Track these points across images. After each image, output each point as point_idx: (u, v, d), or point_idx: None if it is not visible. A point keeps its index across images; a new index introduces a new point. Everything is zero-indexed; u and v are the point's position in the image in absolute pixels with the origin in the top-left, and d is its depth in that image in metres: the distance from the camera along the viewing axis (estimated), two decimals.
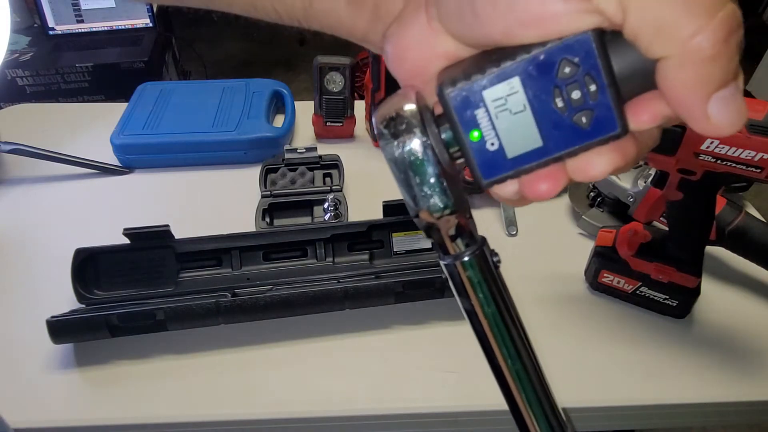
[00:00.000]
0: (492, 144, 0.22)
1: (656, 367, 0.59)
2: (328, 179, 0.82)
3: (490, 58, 0.21)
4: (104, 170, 0.85)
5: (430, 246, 0.69)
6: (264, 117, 0.89)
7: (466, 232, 0.25)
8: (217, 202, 0.81)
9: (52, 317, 0.56)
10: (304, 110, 0.96)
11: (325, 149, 0.83)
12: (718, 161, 0.51)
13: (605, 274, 0.64)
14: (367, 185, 0.82)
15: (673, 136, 0.51)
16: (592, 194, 0.77)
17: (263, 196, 0.77)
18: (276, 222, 0.76)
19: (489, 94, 0.21)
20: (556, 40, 0.20)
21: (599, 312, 0.65)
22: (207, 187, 0.84)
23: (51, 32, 1.66)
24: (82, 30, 1.67)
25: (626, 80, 0.21)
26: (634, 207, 0.71)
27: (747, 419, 0.59)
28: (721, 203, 0.66)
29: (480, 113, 0.22)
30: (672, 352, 0.60)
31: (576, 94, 0.21)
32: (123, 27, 1.69)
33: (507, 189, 0.24)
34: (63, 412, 0.54)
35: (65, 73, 1.56)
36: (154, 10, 1.69)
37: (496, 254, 0.27)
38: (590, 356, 0.60)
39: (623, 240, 0.63)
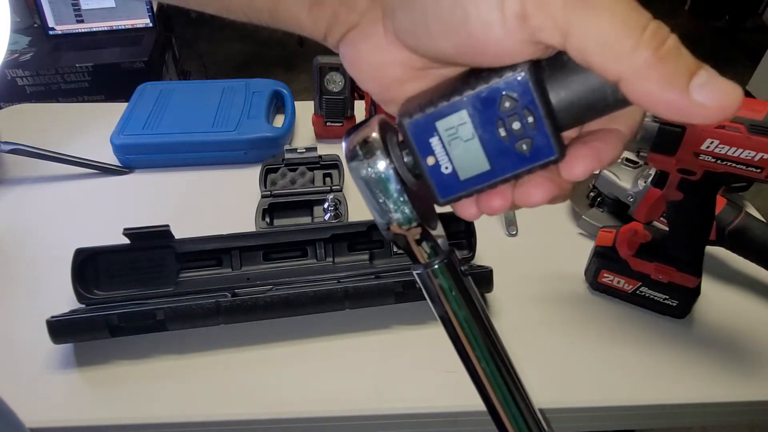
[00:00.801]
0: (446, 168, 0.25)
1: (656, 367, 0.59)
2: (328, 179, 0.82)
3: (443, 92, 0.24)
4: (104, 170, 0.85)
5: None
6: (264, 117, 0.89)
7: (433, 243, 0.28)
8: (217, 202, 0.81)
9: (52, 317, 0.56)
10: (304, 110, 0.96)
11: (325, 149, 0.83)
12: (718, 161, 0.51)
13: (605, 274, 0.64)
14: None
15: (673, 136, 0.51)
16: (592, 194, 0.77)
17: (263, 196, 0.77)
18: (276, 222, 0.76)
19: (441, 125, 0.24)
20: (497, 78, 0.23)
21: (599, 312, 0.65)
22: (207, 187, 0.84)
23: (51, 32, 1.66)
24: (82, 30, 1.67)
25: (563, 111, 0.24)
26: (634, 207, 0.71)
27: (747, 419, 0.59)
28: (721, 203, 0.66)
29: (434, 141, 0.25)
30: (672, 352, 0.60)
31: (516, 125, 0.24)
32: (123, 27, 1.69)
33: (468, 210, 0.27)
34: (63, 412, 0.54)
35: (65, 73, 1.57)
36: (154, 9, 1.69)
37: (464, 263, 0.30)
38: (590, 356, 0.60)
39: (623, 240, 0.63)
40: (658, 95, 0.19)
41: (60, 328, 0.55)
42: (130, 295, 0.63)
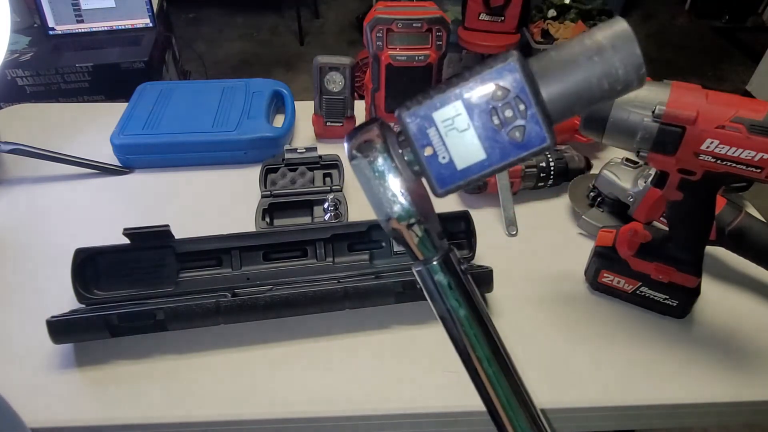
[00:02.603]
0: (443, 158, 0.26)
1: (656, 367, 0.59)
2: (328, 179, 0.82)
3: (439, 87, 0.26)
4: (104, 170, 0.85)
5: None
6: (264, 117, 0.89)
7: (433, 239, 0.28)
8: (217, 202, 0.81)
9: (52, 317, 0.56)
10: (304, 110, 0.96)
11: (325, 149, 0.83)
12: (718, 161, 0.51)
13: (605, 274, 0.64)
14: None
15: (673, 136, 0.51)
16: (592, 194, 0.77)
17: (263, 196, 0.77)
18: (276, 222, 0.76)
19: (438, 116, 0.26)
20: (488, 69, 0.25)
21: (599, 312, 0.65)
22: (207, 187, 0.84)
23: (51, 32, 1.66)
24: (82, 30, 1.67)
25: (553, 102, 0.25)
26: (634, 207, 0.71)
27: (747, 419, 0.59)
28: (721, 203, 0.66)
29: (432, 132, 0.26)
30: (672, 352, 0.60)
31: (509, 113, 0.25)
32: (123, 27, 1.69)
33: None
34: (63, 412, 0.54)
35: (65, 73, 1.56)
36: (154, 9, 1.69)
37: (464, 261, 0.30)
38: (590, 356, 0.60)
39: (623, 240, 0.63)
40: None
41: (60, 328, 0.55)
42: (130, 295, 0.63)
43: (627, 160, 0.74)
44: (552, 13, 2.50)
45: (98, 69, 1.57)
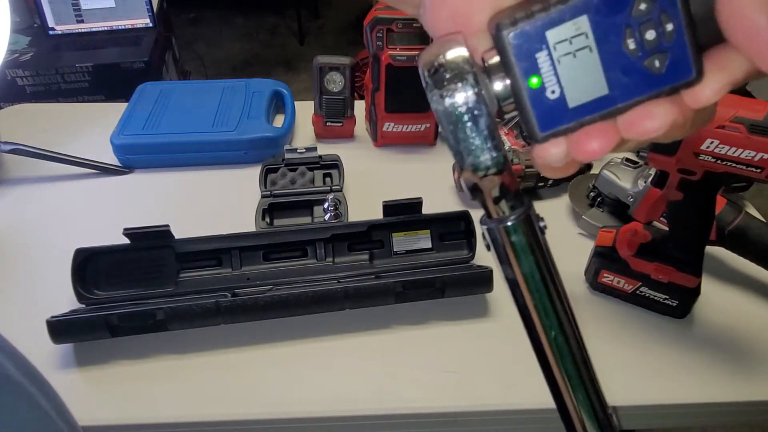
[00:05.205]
0: (553, 92, 0.20)
1: (656, 367, 0.59)
2: (328, 179, 0.82)
3: None
4: (104, 170, 0.85)
5: (430, 246, 0.69)
6: (264, 117, 0.89)
7: (512, 193, 0.23)
8: (217, 202, 0.81)
9: (52, 317, 0.56)
10: (304, 110, 0.96)
11: (325, 149, 0.83)
12: (718, 161, 0.51)
13: (605, 274, 0.64)
14: (367, 185, 0.82)
15: None
16: (592, 194, 0.77)
17: (263, 196, 0.77)
18: (276, 222, 0.76)
19: (552, 35, 0.20)
20: None
21: (599, 312, 0.65)
22: (207, 187, 0.84)
23: (51, 32, 1.66)
24: (82, 30, 1.67)
25: (704, 22, 0.19)
26: (634, 207, 0.71)
27: (747, 419, 0.59)
28: (721, 203, 0.66)
29: (542, 57, 0.20)
30: (672, 352, 0.60)
31: (650, 35, 0.19)
32: (123, 27, 1.69)
33: (555, 151, 0.21)
34: None
35: (65, 73, 1.56)
36: (154, 9, 1.69)
37: (542, 219, 0.25)
38: (590, 356, 0.60)
39: (623, 240, 0.63)
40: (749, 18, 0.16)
41: (60, 328, 0.55)
42: (130, 295, 0.63)
43: (627, 160, 0.74)
44: None
45: (98, 69, 1.57)
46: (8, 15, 0.76)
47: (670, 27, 0.19)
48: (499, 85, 0.21)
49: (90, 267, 0.63)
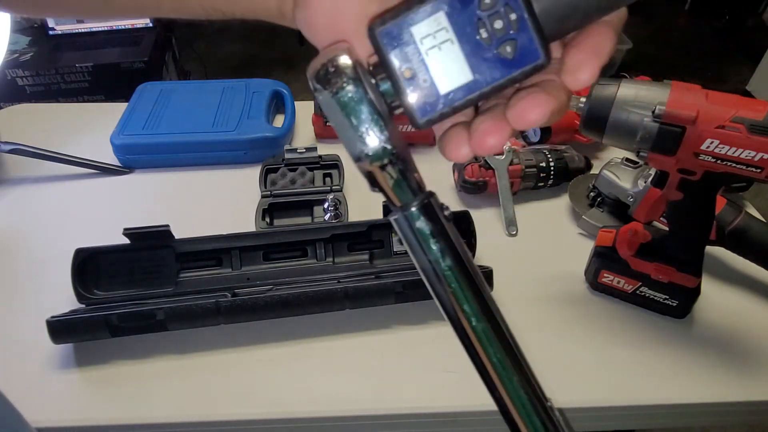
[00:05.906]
0: (424, 80, 0.23)
1: (656, 367, 0.59)
2: (328, 179, 0.82)
3: None
4: (104, 170, 0.85)
5: None
6: (264, 117, 0.89)
7: (411, 182, 0.25)
8: (217, 202, 0.81)
9: (52, 317, 0.56)
10: (304, 110, 0.96)
11: (325, 149, 0.83)
12: (718, 161, 0.51)
13: (605, 274, 0.64)
14: (367, 185, 0.82)
15: (673, 136, 0.51)
16: (592, 194, 0.77)
17: (263, 196, 0.77)
18: (276, 222, 0.76)
19: (417, 31, 0.22)
20: None
21: (599, 312, 0.65)
22: (207, 187, 0.84)
23: (51, 32, 1.66)
24: (82, 30, 1.67)
25: (546, 14, 0.22)
26: (634, 207, 0.71)
27: (747, 419, 0.59)
28: (721, 203, 0.66)
29: (410, 50, 0.23)
30: (672, 352, 0.60)
31: (498, 24, 0.22)
32: (123, 27, 1.69)
33: (459, 149, 0.24)
34: (63, 412, 0.54)
35: (65, 73, 1.57)
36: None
37: (447, 207, 0.26)
38: (590, 356, 0.60)
39: (623, 240, 0.63)
40: None
41: (60, 328, 0.55)
42: (130, 295, 0.63)
43: (627, 160, 0.74)
44: None
45: (98, 69, 1.58)
46: (8, 15, 0.76)
47: (513, 16, 0.22)
48: (384, 84, 0.24)
49: (90, 267, 0.63)
